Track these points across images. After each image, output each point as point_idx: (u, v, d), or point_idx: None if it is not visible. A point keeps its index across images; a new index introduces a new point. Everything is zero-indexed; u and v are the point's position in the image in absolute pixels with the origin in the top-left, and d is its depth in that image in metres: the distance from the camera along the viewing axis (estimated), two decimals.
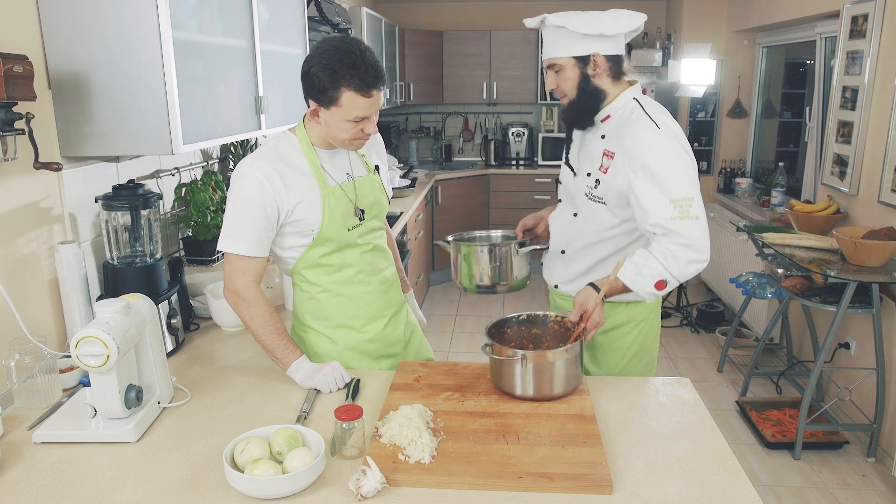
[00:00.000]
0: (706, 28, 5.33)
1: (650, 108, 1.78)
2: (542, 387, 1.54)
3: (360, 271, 1.76)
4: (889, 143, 3.03)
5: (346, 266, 1.74)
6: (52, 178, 1.77)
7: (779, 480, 2.91)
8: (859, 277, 2.81)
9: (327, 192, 1.67)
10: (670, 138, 1.70)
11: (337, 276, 1.74)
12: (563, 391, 1.56)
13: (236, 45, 2.13)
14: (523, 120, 6.28)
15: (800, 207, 3.58)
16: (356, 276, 1.76)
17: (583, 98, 1.82)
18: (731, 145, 5.46)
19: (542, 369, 1.53)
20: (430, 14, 6.12)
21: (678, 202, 1.67)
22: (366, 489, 1.21)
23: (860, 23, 3.29)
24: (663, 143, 1.69)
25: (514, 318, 1.77)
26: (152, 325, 1.53)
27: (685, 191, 1.68)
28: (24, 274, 1.69)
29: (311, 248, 1.69)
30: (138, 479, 1.29)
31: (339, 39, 1.58)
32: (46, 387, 1.58)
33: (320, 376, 1.64)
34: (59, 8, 1.67)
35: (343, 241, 1.71)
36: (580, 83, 1.81)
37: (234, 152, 2.78)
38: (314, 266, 1.72)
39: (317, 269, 1.73)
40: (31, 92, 1.53)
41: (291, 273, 1.76)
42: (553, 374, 1.54)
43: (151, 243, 1.91)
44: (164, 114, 1.70)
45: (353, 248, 1.74)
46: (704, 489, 1.26)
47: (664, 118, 1.75)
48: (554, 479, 1.25)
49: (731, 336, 4.02)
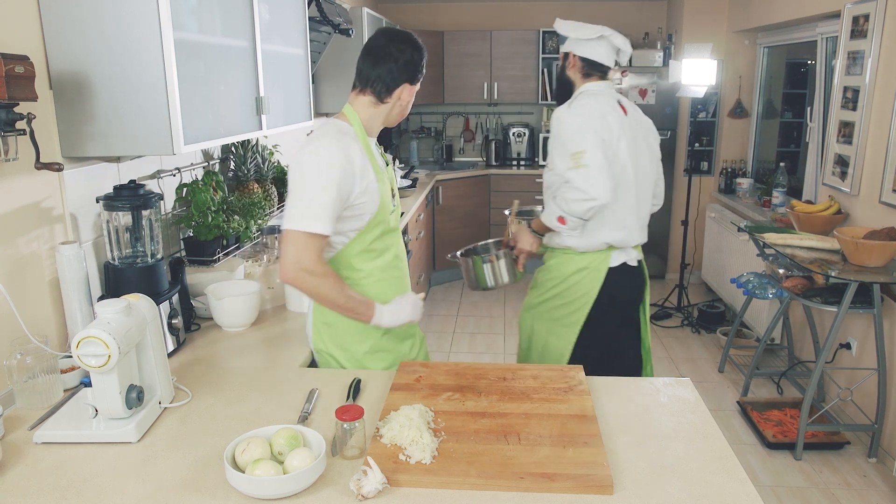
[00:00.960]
0: (707, 28, 5.33)
1: (583, 96, 2.30)
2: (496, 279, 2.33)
3: (395, 255, 1.85)
4: (890, 143, 3.03)
5: (387, 250, 1.81)
6: (54, 178, 1.77)
7: (780, 481, 2.91)
8: (860, 278, 2.81)
9: (381, 176, 1.73)
10: (577, 111, 2.22)
11: (380, 261, 1.79)
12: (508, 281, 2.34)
13: (237, 46, 2.13)
14: (524, 120, 6.28)
15: (801, 208, 3.58)
16: (393, 260, 1.83)
17: (559, 84, 2.45)
18: (731, 145, 5.46)
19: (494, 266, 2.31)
20: (430, 14, 6.12)
21: (574, 155, 2.16)
22: (367, 489, 1.21)
23: (861, 23, 3.29)
24: (569, 114, 2.23)
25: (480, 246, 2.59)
26: (153, 326, 1.53)
27: (579, 145, 2.15)
28: (25, 274, 1.69)
29: (363, 233, 1.73)
30: (139, 480, 1.29)
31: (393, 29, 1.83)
32: (47, 387, 1.58)
33: (410, 308, 1.78)
34: (60, 8, 1.67)
35: (387, 226, 1.78)
36: (559, 73, 2.44)
37: (234, 153, 2.78)
38: (363, 252, 1.76)
39: (364, 255, 1.76)
40: (32, 92, 1.53)
41: (334, 260, 1.76)
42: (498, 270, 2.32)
43: (152, 243, 1.91)
44: (164, 114, 1.71)
45: (393, 233, 1.82)
46: (705, 489, 1.26)
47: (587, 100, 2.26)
48: (555, 480, 1.25)
49: (732, 336, 4.02)
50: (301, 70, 2.74)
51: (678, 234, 5.54)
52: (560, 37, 5.88)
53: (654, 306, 5.13)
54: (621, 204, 2.31)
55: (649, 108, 5.49)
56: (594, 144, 2.14)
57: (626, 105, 2.36)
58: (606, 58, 2.32)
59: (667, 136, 5.52)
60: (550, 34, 5.87)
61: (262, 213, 2.58)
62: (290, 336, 2.06)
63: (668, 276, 5.88)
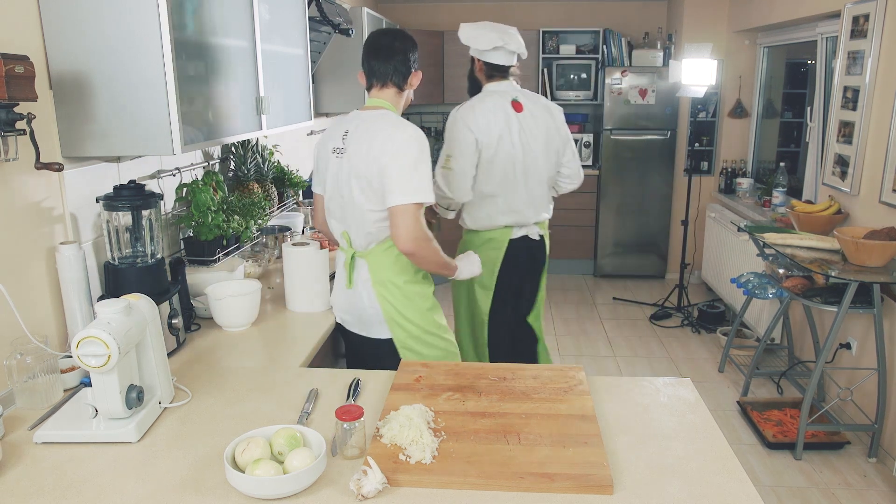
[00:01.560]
0: (707, 28, 5.33)
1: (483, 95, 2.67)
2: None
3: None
4: (890, 143, 3.03)
5: None
6: (54, 178, 1.77)
7: (780, 481, 2.91)
8: (860, 278, 2.81)
9: None
10: (457, 115, 2.60)
11: None
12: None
13: (237, 46, 2.13)
14: None
15: (801, 208, 3.58)
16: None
17: (470, 83, 2.78)
18: (731, 145, 5.46)
19: None
20: (430, 14, 6.12)
21: (446, 158, 2.56)
22: (367, 489, 1.21)
23: (861, 23, 3.29)
24: (456, 118, 2.60)
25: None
26: (153, 326, 1.53)
27: (451, 149, 2.56)
28: (25, 274, 1.69)
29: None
30: (139, 480, 1.29)
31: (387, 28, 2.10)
32: (47, 387, 1.58)
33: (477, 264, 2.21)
34: (60, 8, 1.67)
35: None
36: (469, 73, 2.78)
37: (234, 153, 2.78)
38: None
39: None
40: (32, 92, 1.53)
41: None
42: None
43: (152, 243, 1.91)
44: (164, 114, 1.71)
45: None
46: (705, 489, 1.26)
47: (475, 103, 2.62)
48: (555, 480, 1.25)
49: (732, 336, 4.02)
50: (301, 70, 2.74)
51: (678, 234, 5.54)
52: (559, 36, 5.91)
53: (654, 306, 5.13)
54: (510, 193, 2.64)
55: (649, 108, 5.49)
56: (461, 153, 2.55)
57: (523, 101, 2.66)
58: (506, 60, 2.65)
59: (667, 135, 5.52)
60: (550, 34, 5.87)
61: (262, 213, 2.58)
62: (290, 336, 2.07)
63: (668, 276, 5.88)
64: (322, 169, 2.05)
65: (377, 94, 2.00)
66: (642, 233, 5.77)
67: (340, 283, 2.09)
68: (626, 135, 5.56)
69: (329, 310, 2.25)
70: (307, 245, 2.26)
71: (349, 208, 1.95)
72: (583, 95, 5.89)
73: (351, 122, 1.97)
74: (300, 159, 3.79)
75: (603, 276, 5.92)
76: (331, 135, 2.02)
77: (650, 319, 4.91)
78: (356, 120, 1.97)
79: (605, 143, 5.60)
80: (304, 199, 3.38)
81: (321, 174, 2.07)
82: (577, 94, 5.90)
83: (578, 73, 5.87)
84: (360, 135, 1.92)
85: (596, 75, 5.86)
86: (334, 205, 2.01)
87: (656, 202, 5.70)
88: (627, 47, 5.70)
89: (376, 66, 1.97)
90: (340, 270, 2.08)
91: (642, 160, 5.59)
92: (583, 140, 5.83)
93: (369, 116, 1.96)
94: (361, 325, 2.07)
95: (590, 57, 5.85)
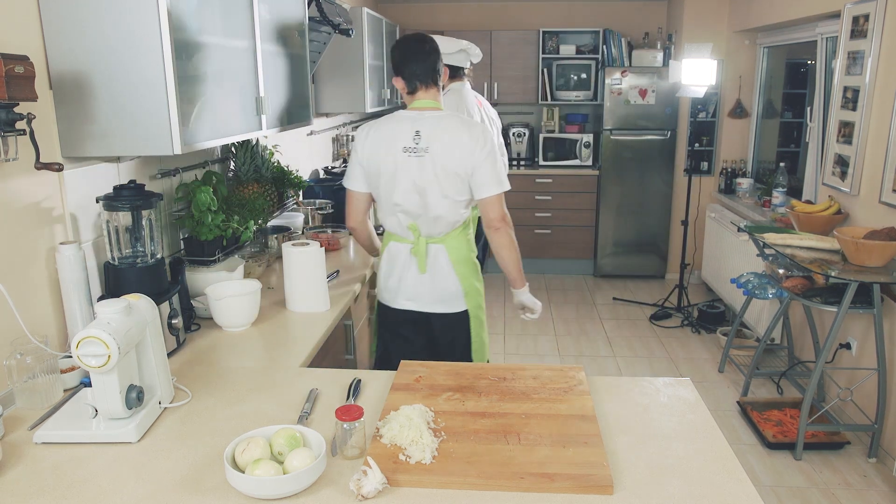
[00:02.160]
0: (707, 28, 5.33)
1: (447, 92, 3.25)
2: None
3: None
4: (890, 143, 3.03)
5: None
6: (54, 178, 1.77)
7: (780, 481, 2.91)
8: (860, 278, 2.81)
9: None
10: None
11: None
12: None
13: (237, 46, 2.13)
14: (524, 120, 6.28)
15: (801, 208, 3.58)
16: None
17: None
18: (731, 145, 5.46)
19: None
20: (430, 14, 6.12)
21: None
22: (367, 489, 1.21)
23: (861, 23, 3.29)
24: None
25: None
26: (153, 326, 1.53)
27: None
28: (25, 274, 1.69)
29: None
30: (139, 480, 1.29)
31: (412, 34, 2.31)
32: (47, 387, 1.58)
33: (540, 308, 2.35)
34: (59, 8, 1.67)
35: None
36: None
37: (234, 153, 2.78)
38: None
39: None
40: (32, 92, 1.53)
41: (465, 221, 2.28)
42: None
43: (152, 243, 1.91)
44: (164, 114, 1.71)
45: None
46: (705, 489, 1.26)
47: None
48: (555, 480, 1.25)
49: (732, 336, 4.02)
50: (301, 70, 2.74)
51: (678, 234, 5.55)
52: (559, 36, 5.91)
53: (655, 306, 5.13)
54: None
55: (649, 108, 5.49)
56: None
57: (481, 98, 3.44)
58: (464, 62, 3.30)
59: (667, 136, 5.52)
60: (550, 34, 5.87)
61: (262, 213, 2.58)
62: (290, 336, 2.07)
63: (667, 276, 5.88)
64: (380, 169, 2.17)
65: (424, 95, 2.19)
66: (642, 233, 5.78)
67: (408, 271, 2.27)
68: (626, 135, 5.56)
69: (328, 310, 2.25)
70: (307, 245, 2.26)
71: (431, 201, 2.15)
72: (583, 95, 5.90)
73: (417, 122, 2.14)
74: (300, 159, 3.79)
75: (603, 276, 5.92)
76: (393, 135, 2.14)
77: (650, 319, 4.91)
78: (423, 121, 2.14)
79: (605, 144, 5.60)
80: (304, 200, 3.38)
81: (375, 173, 2.19)
82: (576, 94, 5.90)
83: (578, 74, 5.88)
84: (439, 134, 2.11)
85: (596, 75, 5.86)
86: (407, 200, 2.16)
87: (656, 202, 5.70)
88: (627, 47, 5.70)
89: (418, 70, 2.16)
90: (405, 260, 2.26)
91: (642, 160, 5.59)
92: (583, 140, 5.83)
93: (435, 116, 2.16)
94: (439, 303, 2.28)
95: (590, 57, 5.86)
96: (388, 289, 2.32)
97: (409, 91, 2.20)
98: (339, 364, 2.38)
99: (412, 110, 2.18)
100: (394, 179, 2.15)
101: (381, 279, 2.35)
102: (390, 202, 2.19)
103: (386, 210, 2.23)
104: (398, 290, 2.29)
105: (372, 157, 2.17)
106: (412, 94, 2.20)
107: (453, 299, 2.28)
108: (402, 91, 2.23)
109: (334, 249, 3.01)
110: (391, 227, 2.26)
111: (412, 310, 2.30)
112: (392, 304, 2.32)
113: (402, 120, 2.16)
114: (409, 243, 2.24)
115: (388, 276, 2.31)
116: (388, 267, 2.30)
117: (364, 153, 2.18)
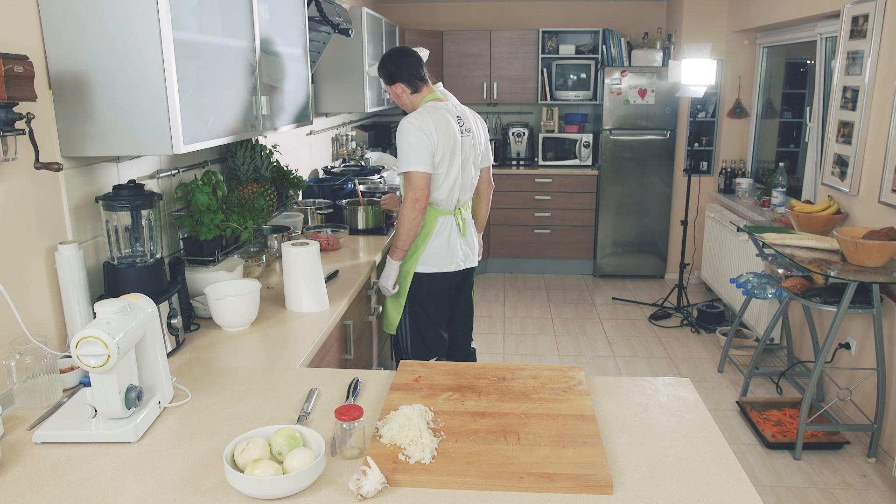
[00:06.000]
0: (707, 28, 5.33)
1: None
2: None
3: None
4: (889, 143, 3.03)
5: None
6: (53, 178, 1.77)
7: (779, 480, 2.91)
8: (860, 278, 2.81)
9: None
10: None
11: None
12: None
13: (237, 45, 2.13)
14: (524, 120, 6.29)
15: (800, 208, 3.58)
16: None
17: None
18: (731, 145, 5.46)
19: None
20: (430, 14, 6.12)
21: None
22: (366, 489, 1.21)
23: (860, 23, 3.29)
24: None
25: None
26: (153, 326, 1.53)
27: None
28: (24, 274, 1.69)
29: None
30: (139, 480, 1.29)
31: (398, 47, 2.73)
32: (47, 387, 1.58)
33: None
34: (59, 8, 1.67)
35: None
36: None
37: (234, 153, 2.78)
38: None
39: None
40: (31, 92, 1.53)
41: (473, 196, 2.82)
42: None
43: (152, 243, 1.91)
44: (164, 114, 1.70)
45: None
46: (705, 489, 1.26)
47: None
48: (554, 480, 1.25)
49: (732, 336, 4.02)
50: (300, 70, 2.74)
51: (678, 234, 5.55)
52: (559, 36, 5.91)
53: (654, 306, 5.13)
54: None
55: (649, 108, 5.49)
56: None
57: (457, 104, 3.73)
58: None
59: (666, 135, 5.52)
60: (550, 34, 5.87)
61: (261, 212, 2.58)
62: (290, 336, 2.07)
63: (667, 276, 5.88)
64: (446, 150, 2.52)
65: (429, 91, 2.63)
66: (642, 233, 5.78)
67: (454, 237, 2.67)
68: (626, 135, 5.56)
69: (327, 310, 2.25)
70: (307, 245, 2.26)
71: (473, 172, 2.68)
72: (582, 95, 5.90)
73: (454, 110, 2.60)
74: (299, 159, 3.79)
75: (602, 276, 5.92)
76: (447, 122, 2.53)
77: (650, 319, 4.91)
78: (456, 109, 2.62)
79: (605, 144, 5.60)
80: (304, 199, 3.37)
81: (442, 154, 2.52)
82: (576, 94, 5.90)
83: (578, 73, 5.88)
84: (470, 117, 2.68)
85: (595, 75, 5.86)
86: (463, 174, 2.62)
87: (656, 202, 5.70)
88: (627, 47, 5.70)
89: (424, 72, 2.63)
90: (450, 229, 2.66)
91: (642, 160, 5.60)
92: (582, 140, 5.83)
93: (455, 104, 2.66)
94: (474, 258, 2.79)
95: (589, 57, 5.86)
96: (440, 257, 2.65)
97: (412, 91, 2.61)
98: (339, 364, 2.38)
99: (437, 101, 2.58)
100: (454, 157, 2.56)
101: (429, 251, 2.64)
102: (450, 178, 2.57)
103: (444, 186, 2.58)
104: (450, 255, 2.67)
105: (441, 141, 2.50)
106: (416, 92, 2.61)
107: (476, 253, 2.82)
108: (403, 94, 2.62)
109: (334, 249, 3.01)
110: (442, 201, 2.61)
111: (461, 269, 2.72)
112: (443, 269, 2.67)
113: (440, 109, 2.54)
114: (451, 214, 2.65)
115: (441, 245, 2.65)
116: (440, 237, 2.64)
117: (434, 138, 2.49)
